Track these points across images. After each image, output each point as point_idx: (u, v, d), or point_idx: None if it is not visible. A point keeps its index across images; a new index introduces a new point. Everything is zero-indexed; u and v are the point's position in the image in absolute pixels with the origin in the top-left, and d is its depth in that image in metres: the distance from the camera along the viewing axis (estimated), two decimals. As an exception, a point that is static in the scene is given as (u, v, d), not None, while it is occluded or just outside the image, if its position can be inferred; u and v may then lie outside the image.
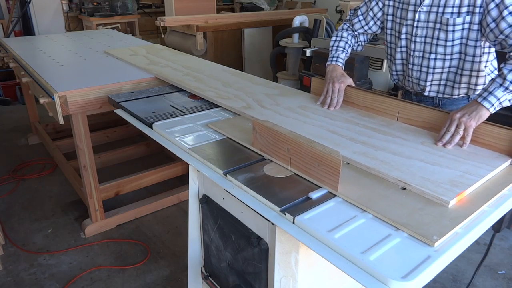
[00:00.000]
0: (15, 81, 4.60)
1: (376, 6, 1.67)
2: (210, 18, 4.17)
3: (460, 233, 0.91)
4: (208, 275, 1.43)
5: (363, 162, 1.16)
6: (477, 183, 1.06)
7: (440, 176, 1.08)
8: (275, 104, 1.65)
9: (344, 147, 1.26)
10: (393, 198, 1.00)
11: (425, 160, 1.17)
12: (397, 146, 1.27)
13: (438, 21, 1.46)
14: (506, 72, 1.22)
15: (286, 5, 5.64)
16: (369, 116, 1.53)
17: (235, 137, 1.36)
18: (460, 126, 1.24)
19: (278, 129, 1.16)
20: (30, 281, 2.09)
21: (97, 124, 3.61)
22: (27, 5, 5.18)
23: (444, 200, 0.98)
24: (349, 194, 1.02)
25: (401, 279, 0.76)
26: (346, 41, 1.73)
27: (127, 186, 2.56)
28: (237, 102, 1.66)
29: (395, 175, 1.08)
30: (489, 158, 1.19)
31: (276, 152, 1.19)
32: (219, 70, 2.21)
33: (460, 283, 2.11)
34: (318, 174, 1.07)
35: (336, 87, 1.61)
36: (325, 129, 1.40)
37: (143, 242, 2.38)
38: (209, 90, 1.84)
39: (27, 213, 2.67)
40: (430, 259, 0.82)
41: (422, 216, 0.93)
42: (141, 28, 5.85)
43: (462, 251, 0.90)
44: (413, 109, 1.43)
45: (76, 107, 2.02)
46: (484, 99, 1.23)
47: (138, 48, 2.83)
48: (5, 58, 3.19)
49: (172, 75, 2.10)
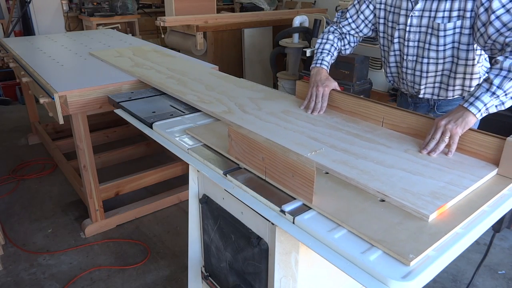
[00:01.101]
0: (15, 81, 4.60)
1: (368, 9, 1.63)
2: (210, 18, 4.17)
3: (460, 233, 0.91)
4: (208, 275, 1.43)
5: (342, 171, 1.10)
6: (460, 195, 1.00)
7: (421, 187, 1.03)
8: (257, 108, 1.59)
9: (324, 155, 1.20)
10: (371, 211, 0.95)
11: (408, 170, 1.12)
12: (380, 154, 1.21)
13: (430, 26, 1.44)
14: (493, 77, 1.17)
15: (286, 5, 5.64)
16: (354, 121, 1.48)
17: (212, 144, 1.30)
18: (445, 133, 1.19)
19: (253, 137, 1.11)
20: (30, 281, 2.09)
21: (97, 124, 3.61)
22: (27, 5, 5.18)
23: (424, 214, 0.92)
24: (324, 206, 0.96)
25: (401, 279, 0.76)
26: (332, 43, 1.68)
27: (127, 186, 2.56)
28: (218, 107, 1.60)
29: (374, 186, 1.03)
30: (474, 167, 1.14)
31: (251, 161, 1.14)
32: (204, 73, 2.14)
33: (460, 283, 2.11)
34: (293, 185, 1.01)
35: (320, 91, 1.55)
36: (306, 135, 1.34)
37: (143, 242, 2.38)
38: (190, 93, 1.77)
39: (27, 213, 2.67)
40: (430, 258, 0.82)
41: (399, 231, 0.88)
42: (141, 28, 5.85)
43: (462, 251, 0.90)
44: (398, 114, 1.37)
45: (76, 107, 2.02)
46: (470, 105, 1.18)
47: (124, 50, 2.77)
48: (5, 58, 3.19)
49: (155, 78, 2.04)
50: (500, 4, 1.25)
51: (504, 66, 1.16)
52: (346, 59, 2.86)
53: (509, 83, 1.15)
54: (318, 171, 1.11)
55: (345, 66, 2.88)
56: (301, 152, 1.20)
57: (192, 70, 2.19)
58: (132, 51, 2.71)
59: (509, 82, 1.15)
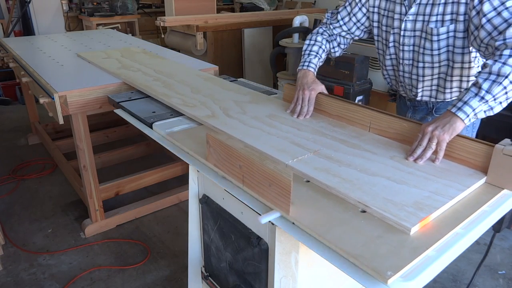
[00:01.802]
0: (15, 81, 4.60)
1: (360, 12, 1.60)
2: (210, 18, 4.17)
3: (460, 233, 0.91)
4: (208, 275, 1.43)
5: (323, 180, 1.06)
6: (444, 206, 0.96)
7: (405, 197, 0.98)
8: (242, 112, 1.55)
9: (306, 162, 1.16)
10: (351, 223, 0.91)
11: (392, 178, 1.07)
12: (364, 161, 1.17)
13: (424, 30, 1.41)
14: (481, 81, 1.12)
15: (286, 5, 5.63)
16: (341, 126, 1.44)
17: (192, 150, 1.27)
18: (432, 140, 1.14)
19: (231, 144, 1.07)
20: (30, 281, 2.09)
21: (97, 124, 3.61)
22: (27, 5, 5.18)
23: (405, 226, 0.87)
24: (302, 218, 0.93)
25: (401, 279, 0.76)
26: (320, 45, 1.63)
27: (127, 186, 2.56)
28: (202, 110, 1.56)
29: (355, 196, 0.98)
30: (462, 175, 1.10)
31: (229, 169, 1.10)
32: (192, 75, 2.10)
33: (460, 283, 2.11)
34: (270, 195, 0.98)
35: (306, 94, 1.51)
36: (290, 141, 1.30)
37: (143, 242, 2.38)
38: (175, 96, 1.73)
39: (27, 213, 2.67)
40: (430, 259, 0.82)
41: (379, 245, 0.83)
42: (141, 28, 5.85)
43: (462, 251, 0.90)
44: (385, 119, 1.34)
45: (76, 107, 2.02)
46: (458, 110, 1.13)
47: (112, 51, 2.73)
48: (5, 58, 3.19)
49: (140, 80, 2.00)
50: (491, 7, 1.22)
51: (493, 70, 1.12)
52: (346, 59, 2.86)
53: (498, 88, 1.11)
54: (299, 180, 1.09)
55: (345, 66, 2.88)
56: (283, 159, 1.18)
57: (179, 72, 2.15)
58: (120, 53, 2.67)
59: (498, 87, 1.10)
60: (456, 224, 0.91)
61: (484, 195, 1.04)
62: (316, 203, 0.99)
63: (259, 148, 1.24)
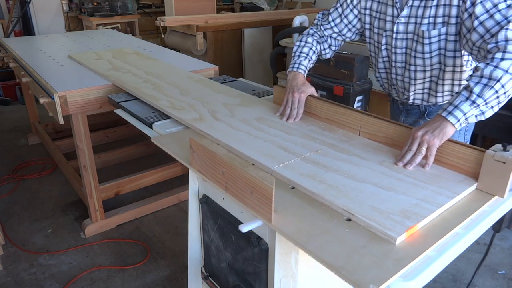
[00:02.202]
0: (15, 81, 4.60)
1: (351, 14, 1.56)
2: (210, 18, 4.17)
3: (460, 233, 0.91)
4: (208, 275, 1.43)
5: (309, 186, 1.03)
6: (432, 214, 0.92)
7: (392, 205, 0.95)
8: (231, 115, 1.51)
9: (292, 167, 1.13)
10: (335, 232, 0.88)
11: (379, 184, 1.04)
12: (352, 166, 1.14)
13: (416, 32, 1.39)
14: (473, 85, 1.09)
15: (286, 5, 5.63)
16: (330, 129, 1.40)
17: (176, 155, 1.25)
18: (422, 145, 1.11)
19: (213, 149, 1.04)
20: (30, 281, 2.09)
21: (97, 124, 3.61)
22: (27, 5, 5.18)
23: (391, 236, 0.84)
24: (285, 226, 0.89)
25: (401, 279, 0.76)
26: (311, 47, 1.59)
27: (127, 186, 2.56)
28: (190, 113, 1.53)
29: (341, 204, 0.95)
30: (452, 182, 1.06)
31: (213, 174, 1.07)
32: (183, 77, 2.06)
33: (460, 283, 2.11)
34: (252, 203, 0.95)
35: (296, 97, 1.47)
36: (277, 145, 1.27)
37: (143, 242, 2.38)
38: (164, 99, 1.70)
39: (27, 213, 2.67)
40: (430, 259, 0.82)
41: (362, 256, 0.80)
42: (141, 28, 5.85)
43: (462, 251, 0.91)
44: (374, 123, 1.30)
45: (76, 107, 2.02)
46: (449, 114, 1.10)
47: (104, 53, 2.70)
48: (5, 58, 3.19)
49: (129, 82, 1.97)
50: (483, 10, 1.19)
51: (485, 73, 1.08)
52: (346, 59, 2.86)
53: (489, 92, 1.07)
54: (284, 186, 1.07)
55: (345, 66, 2.88)
56: (269, 164, 1.15)
57: (170, 74, 2.12)
58: (112, 54, 2.64)
59: (489, 91, 1.07)
60: (444, 233, 0.87)
61: (474, 202, 1.00)
62: (300, 211, 0.96)
63: (245, 152, 1.22)
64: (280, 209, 0.95)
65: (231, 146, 1.27)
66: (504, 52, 1.09)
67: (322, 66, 3.00)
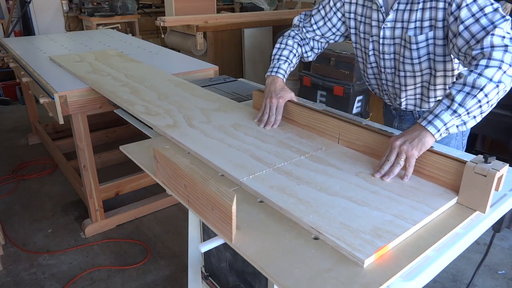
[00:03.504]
0: (15, 81, 4.60)
1: (335, 17, 1.49)
2: (210, 18, 4.17)
3: (460, 233, 0.91)
4: (208, 275, 1.43)
5: (277, 201, 0.96)
6: (406, 233, 0.85)
7: (364, 222, 0.88)
8: (207, 121, 1.45)
9: (262, 179, 1.06)
10: (300, 252, 0.81)
11: (353, 198, 0.97)
12: (327, 178, 1.07)
13: (403, 37, 1.32)
14: (454, 93, 1.02)
15: (286, 5, 5.63)
16: (308, 137, 1.34)
17: (143, 165, 1.19)
18: (400, 155, 1.04)
19: (176, 161, 0.98)
20: (30, 281, 2.09)
21: (97, 124, 3.61)
22: (27, 5, 5.18)
23: (359, 258, 0.77)
24: (246, 246, 0.83)
25: (401, 279, 0.76)
26: (291, 50, 1.52)
27: (127, 186, 2.56)
28: (164, 119, 1.46)
29: (309, 220, 0.88)
30: (431, 195, 0.99)
31: (176, 187, 1.02)
32: (163, 80, 1.98)
33: (460, 283, 2.11)
34: (213, 220, 0.89)
35: (274, 103, 1.40)
36: (250, 154, 1.20)
37: (143, 242, 2.38)
38: (139, 103, 1.63)
39: (27, 213, 2.67)
40: (430, 259, 0.82)
41: (326, 281, 0.74)
42: (141, 28, 5.85)
43: (462, 251, 0.91)
44: (353, 131, 1.23)
45: (76, 107, 2.02)
46: (429, 123, 1.03)
47: (87, 54, 2.60)
48: (5, 58, 3.19)
49: (107, 86, 1.89)
50: (469, 14, 1.12)
51: (468, 81, 1.02)
52: (346, 59, 2.86)
53: (472, 101, 1.01)
54: (253, 199, 1.00)
55: (345, 66, 2.88)
56: (238, 175, 1.08)
57: (151, 77, 2.04)
58: (94, 56, 2.57)
59: (472, 100, 1.01)
60: (418, 254, 0.80)
61: (453, 219, 0.93)
62: (266, 228, 0.89)
63: (215, 162, 1.16)
64: (245, 226, 0.89)
65: (201, 155, 1.21)
66: (489, 59, 1.04)
67: (322, 66, 3.00)
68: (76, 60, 2.46)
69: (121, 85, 1.90)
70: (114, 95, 1.76)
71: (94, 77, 2.08)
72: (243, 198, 1.00)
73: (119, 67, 2.25)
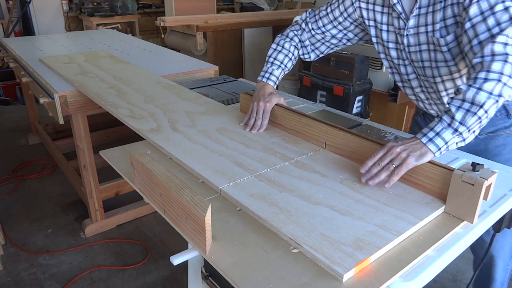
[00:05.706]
0: (15, 81, 4.60)
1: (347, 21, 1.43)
2: (210, 18, 4.17)
3: (460, 233, 0.91)
4: (208, 275, 1.43)
5: (256, 210, 0.92)
6: (389, 244, 0.81)
7: (346, 233, 0.84)
8: (191, 125, 1.41)
9: (243, 186, 1.02)
10: (277, 265, 0.77)
11: (336, 207, 0.93)
12: (310, 185, 1.03)
13: (430, 41, 1.25)
14: (454, 110, 0.98)
15: (286, 5, 5.63)
16: (295, 141, 1.30)
17: (121, 171, 1.16)
18: (394, 161, 1.00)
19: (151, 168, 0.95)
20: (30, 281, 2.09)
21: (97, 124, 3.61)
22: (27, 5, 5.18)
23: (338, 272, 0.74)
24: (220, 258, 0.79)
25: (401, 279, 0.76)
26: (287, 54, 1.47)
27: (127, 186, 2.56)
28: (147, 123, 1.44)
29: (288, 231, 0.84)
30: (417, 204, 0.95)
31: (152, 195, 0.99)
32: (152, 82, 1.93)
33: (460, 283, 2.11)
34: (188, 230, 0.85)
35: (261, 106, 1.37)
36: (233, 160, 1.16)
37: (143, 242, 2.38)
38: (124, 106, 1.60)
39: (27, 213, 2.67)
40: (430, 259, 0.82)
41: None
42: (141, 28, 5.85)
43: (462, 251, 0.91)
44: (340, 136, 1.20)
45: (76, 107, 2.02)
46: (430, 141, 0.99)
47: (76, 56, 2.55)
48: (5, 58, 3.19)
49: (93, 88, 1.85)
50: (478, 11, 1.06)
51: (467, 97, 0.97)
52: (346, 59, 2.86)
53: (472, 119, 0.96)
54: (232, 208, 0.97)
55: (345, 66, 2.88)
56: (218, 182, 1.05)
57: (139, 79, 1.99)
58: (84, 57, 2.52)
59: (472, 117, 0.96)
60: (400, 268, 0.77)
61: (439, 229, 0.89)
62: (244, 239, 0.85)
63: (195, 168, 1.12)
64: (221, 237, 0.85)
65: (181, 161, 1.17)
66: (488, 72, 0.99)
67: (322, 66, 3.00)
68: (65, 61, 2.41)
69: (107, 87, 1.86)
70: (99, 97, 1.72)
71: (81, 79, 2.03)
72: (222, 206, 0.97)
73: (108, 69, 2.20)
